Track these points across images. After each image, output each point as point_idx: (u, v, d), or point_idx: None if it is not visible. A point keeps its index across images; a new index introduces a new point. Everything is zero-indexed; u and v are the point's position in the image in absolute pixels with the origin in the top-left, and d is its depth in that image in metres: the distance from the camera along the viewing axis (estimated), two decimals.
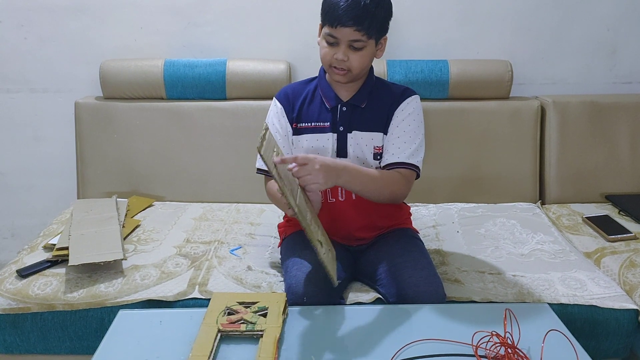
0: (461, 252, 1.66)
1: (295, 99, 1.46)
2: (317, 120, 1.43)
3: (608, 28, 2.15)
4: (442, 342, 1.08)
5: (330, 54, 1.33)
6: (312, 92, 1.46)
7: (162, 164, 2.06)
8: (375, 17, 1.28)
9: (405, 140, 1.40)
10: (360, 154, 1.43)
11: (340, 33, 1.28)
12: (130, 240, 1.73)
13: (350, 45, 1.30)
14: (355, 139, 1.42)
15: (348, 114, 1.42)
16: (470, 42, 2.16)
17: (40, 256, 1.61)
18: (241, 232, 1.79)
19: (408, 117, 1.42)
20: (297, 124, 1.44)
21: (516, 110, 2.06)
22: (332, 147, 1.42)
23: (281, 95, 1.48)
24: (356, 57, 1.32)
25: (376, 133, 1.42)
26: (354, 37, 1.28)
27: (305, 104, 1.45)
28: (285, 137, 1.44)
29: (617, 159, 2.05)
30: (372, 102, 1.43)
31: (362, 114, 1.42)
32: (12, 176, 2.33)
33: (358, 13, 1.25)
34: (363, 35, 1.28)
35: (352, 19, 1.26)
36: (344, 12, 1.25)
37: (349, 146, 1.42)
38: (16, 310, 1.43)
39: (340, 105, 1.42)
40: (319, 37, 1.37)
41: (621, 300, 1.44)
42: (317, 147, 1.43)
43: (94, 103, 2.08)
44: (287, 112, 1.45)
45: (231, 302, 1.20)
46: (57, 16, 2.12)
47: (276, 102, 1.47)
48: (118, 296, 1.44)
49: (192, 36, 2.15)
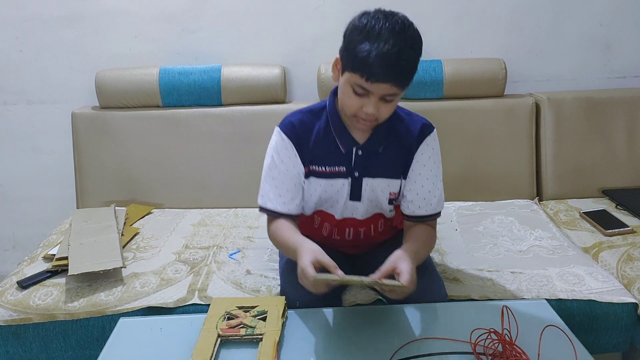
0: (460, 250, 1.67)
1: (305, 135, 1.29)
2: (332, 165, 1.30)
3: (601, 23, 2.15)
4: (441, 341, 1.09)
5: (357, 105, 1.17)
6: (323, 129, 1.29)
7: (160, 171, 2.07)
8: (413, 68, 1.15)
9: (429, 189, 1.32)
10: (374, 199, 1.35)
11: (374, 88, 1.13)
12: (129, 248, 1.73)
13: (382, 97, 1.16)
14: (371, 185, 1.32)
15: (364, 158, 1.29)
16: (464, 41, 2.17)
17: (40, 267, 1.62)
18: (240, 236, 1.80)
19: (429, 161, 1.31)
20: (310, 166, 1.31)
21: (511, 108, 2.07)
22: (346, 192, 1.33)
23: (288, 129, 1.29)
24: (386, 108, 1.19)
25: (394, 180, 1.32)
26: (389, 92, 1.14)
27: (318, 144, 1.29)
28: (297, 176, 1.31)
29: (613, 153, 2.06)
30: (389, 146, 1.29)
31: (378, 159, 1.30)
32: (12, 187, 2.35)
33: (398, 69, 1.11)
34: (399, 89, 1.15)
35: (391, 76, 1.11)
36: (382, 67, 1.09)
37: (363, 191, 1.32)
38: (18, 321, 1.44)
39: (356, 149, 1.29)
40: (340, 80, 1.20)
41: (619, 294, 1.44)
42: (331, 193, 1.33)
43: (91, 113, 2.09)
44: (297, 150, 1.29)
45: (230, 307, 1.20)
46: (52, 27, 2.13)
47: (283, 136, 1.29)
48: (118, 304, 1.45)
49: (187, 43, 2.16)
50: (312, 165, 1.30)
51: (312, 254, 1.12)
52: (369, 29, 1.11)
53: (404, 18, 1.14)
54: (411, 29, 1.14)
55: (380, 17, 1.12)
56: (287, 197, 1.30)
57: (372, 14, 1.14)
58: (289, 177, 1.30)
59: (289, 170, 1.29)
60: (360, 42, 1.11)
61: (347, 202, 1.35)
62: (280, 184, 1.29)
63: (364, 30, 1.11)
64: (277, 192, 1.30)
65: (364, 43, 1.10)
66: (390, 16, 1.13)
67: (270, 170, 1.31)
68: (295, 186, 1.31)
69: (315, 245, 1.17)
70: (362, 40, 1.11)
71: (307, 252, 1.13)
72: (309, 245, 1.17)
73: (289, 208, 1.31)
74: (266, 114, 2.06)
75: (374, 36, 1.10)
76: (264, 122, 2.05)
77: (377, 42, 1.09)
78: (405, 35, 1.11)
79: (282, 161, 1.29)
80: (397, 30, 1.10)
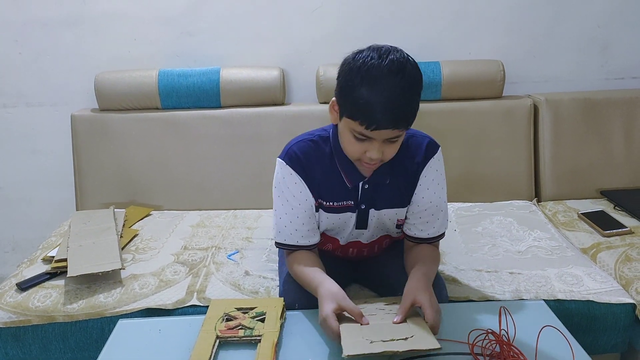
0: (459, 251, 1.68)
1: (310, 167, 1.25)
2: (341, 200, 1.27)
3: (599, 24, 2.16)
4: (439, 342, 1.09)
5: (360, 150, 1.13)
6: (328, 162, 1.25)
7: (159, 173, 2.07)
8: (415, 108, 1.10)
9: (432, 212, 1.29)
10: (381, 226, 1.34)
11: (375, 134, 1.09)
12: (128, 249, 1.73)
13: (386, 140, 1.12)
14: (378, 215, 1.30)
15: (370, 191, 1.27)
16: (461, 43, 2.17)
17: (40, 269, 1.62)
18: (238, 237, 1.80)
19: (432, 184, 1.27)
20: (318, 200, 1.28)
21: (509, 109, 2.07)
22: (353, 223, 1.32)
23: (294, 162, 1.24)
24: (391, 149, 1.14)
25: (401, 209, 1.30)
26: (392, 135, 1.10)
27: (325, 178, 1.26)
28: (311, 208, 1.27)
29: (611, 154, 2.06)
30: (396, 176, 1.26)
31: (386, 191, 1.27)
32: (11, 190, 2.35)
33: (400, 114, 1.07)
34: (401, 131, 1.11)
35: (392, 122, 1.06)
36: (383, 114, 1.05)
37: (370, 220, 1.31)
38: (17, 323, 1.44)
39: (362, 183, 1.26)
40: (339, 124, 1.17)
41: (618, 295, 1.44)
42: (338, 224, 1.32)
43: (90, 115, 2.10)
44: (307, 183, 1.25)
45: (229, 308, 1.21)
46: (51, 30, 2.14)
47: (289, 169, 1.24)
48: (117, 306, 1.45)
49: (185, 45, 2.16)
50: (320, 199, 1.28)
51: (333, 300, 1.10)
52: (364, 71, 1.05)
53: (400, 55, 1.08)
54: (408, 66, 1.08)
55: (375, 56, 1.06)
56: (304, 231, 1.27)
57: (365, 54, 1.08)
58: (302, 211, 1.26)
59: (301, 205, 1.26)
60: (357, 88, 1.06)
61: (353, 231, 1.34)
62: (295, 218, 1.26)
63: (359, 73, 1.06)
64: (294, 227, 1.27)
65: (360, 89, 1.05)
66: (385, 55, 1.06)
67: (282, 206, 1.27)
68: (310, 218, 1.28)
69: (335, 287, 1.14)
70: (358, 85, 1.06)
71: (328, 299, 1.10)
72: (330, 286, 1.14)
73: (309, 240, 1.29)
74: (265, 116, 2.06)
75: (370, 80, 1.05)
76: (263, 124, 2.06)
77: (374, 88, 1.04)
78: (403, 75, 1.06)
79: (294, 196, 1.25)
80: (395, 70, 1.05)
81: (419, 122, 1.46)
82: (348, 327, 1.08)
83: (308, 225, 1.28)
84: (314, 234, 1.30)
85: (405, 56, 1.09)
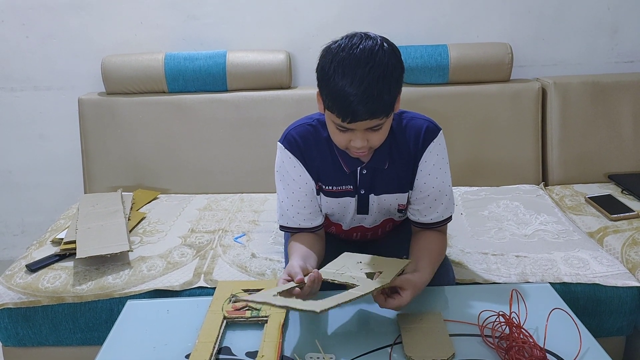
0: (465, 234, 1.68)
1: (308, 151, 1.25)
2: (340, 184, 1.27)
3: (608, 7, 2.13)
4: (448, 323, 1.10)
5: (345, 140, 1.13)
6: (326, 146, 1.24)
7: (166, 157, 2.08)
8: (392, 97, 1.07)
9: (436, 197, 1.26)
10: (383, 211, 1.33)
11: (355, 126, 1.08)
12: (136, 232, 1.75)
13: (368, 129, 1.10)
14: (378, 200, 1.29)
15: (369, 177, 1.26)
16: (469, 26, 2.15)
17: (49, 250, 1.64)
18: (245, 220, 1.81)
19: (433, 169, 1.24)
20: (318, 183, 1.28)
21: (517, 93, 2.06)
22: (353, 208, 1.31)
23: (292, 146, 1.25)
24: (377, 135, 1.12)
25: (401, 194, 1.29)
26: (372, 124, 1.08)
27: (323, 162, 1.25)
28: (312, 191, 1.27)
29: (619, 138, 2.05)
30: (395, 161, 1.24)
31: (384, 176, 1.26)
32: (20, 174, 2.36)
33: (372, 105, 1.04)
34: (381, 119, 1.08)
35: (367, 113, 1.04)
36: (356, 107, 1.03)
37: (370, 205, 1.30)
38: (27, 303, 1.46)
39: (360, 168, 1.25)
40: (323, 111, 1.14)
41: (624, 278, 1.44)
42: (339, 209, 1.32)
43: (97, 99, 2.10)
44: (305, 167, 1.25)
45: (236, 289, 1.22)
46: (58, 14, 2.13)
47: (288, 153, 1.25)
48: (126, 287, 1.47)
49: (192, 29, 2.15)
50: (320, 182, 1.28)
51: (285, 273, 1.11)
52: (337, 63, 1.04)
53: (372, 42, 1.05)
54: (380, 53, 1.05)
55: (347, 46, 1.05)
56: (305, 214, 1.28)
57: (339, 43, 1.07)
58: (303, 194, 1.26)
59: (302, 188, 1.26)
60: (330, 80, 1.05)
61: (354, 216, 1.34)
62: (296, 202, 1.27)
63: (332, 64, 1.05)
64: (295, 210, 1.27)
65: (333, 80, 1.04)
66: (357, 44, 1.05)
67: (283, 189, 1.28)
68: (311, 201, 1.28)
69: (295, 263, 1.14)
70: (332, 76, 1.04)
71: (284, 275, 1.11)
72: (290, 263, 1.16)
73: (311, 223, 1.30)
74: (271, 100, 2.06)
75: (342, 72, 1.03)
76: (270, 108, 2.06)
77: (345, 79, 1.02)
78: (374, 63, 1.03)
79: (294, 179, 1.26)
80: (365, 60, 1.03)
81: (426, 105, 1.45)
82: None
83: (309, 208, 1.28)
84: (316, 217, 1.30)
85: (377, 42, 1.06)
